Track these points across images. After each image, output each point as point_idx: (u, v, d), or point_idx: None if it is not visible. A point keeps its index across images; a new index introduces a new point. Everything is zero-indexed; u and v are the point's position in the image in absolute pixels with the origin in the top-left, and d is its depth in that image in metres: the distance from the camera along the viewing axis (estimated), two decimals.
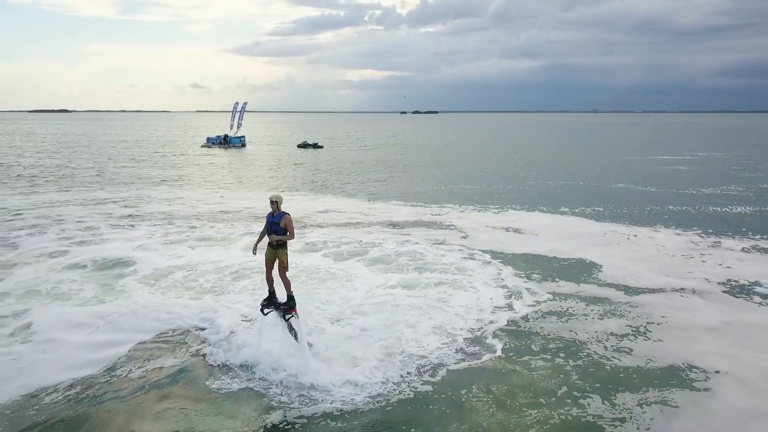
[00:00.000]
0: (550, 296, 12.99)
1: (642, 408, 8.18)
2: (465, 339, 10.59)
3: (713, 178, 35.95)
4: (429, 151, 63.75)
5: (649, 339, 10.60)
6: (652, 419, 7.89)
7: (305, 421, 8.02)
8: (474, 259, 16.21)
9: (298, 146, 66.11)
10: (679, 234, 19.62)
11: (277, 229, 9.24)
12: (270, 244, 9.35)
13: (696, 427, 7.67)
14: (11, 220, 21.40)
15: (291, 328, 9.53)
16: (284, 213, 9.30)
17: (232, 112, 65.01)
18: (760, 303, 12.64)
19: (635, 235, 19.36)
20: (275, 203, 9.35)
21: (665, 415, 7.99)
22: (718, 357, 9.77)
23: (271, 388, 8.89)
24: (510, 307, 12.28)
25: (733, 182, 33.88)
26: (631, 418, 7.94)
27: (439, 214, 23.25)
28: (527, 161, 49.39)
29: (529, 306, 12.36)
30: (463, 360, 9.78)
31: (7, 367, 9.24)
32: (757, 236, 19.24)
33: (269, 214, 9.41)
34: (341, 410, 8.22)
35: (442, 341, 10.47)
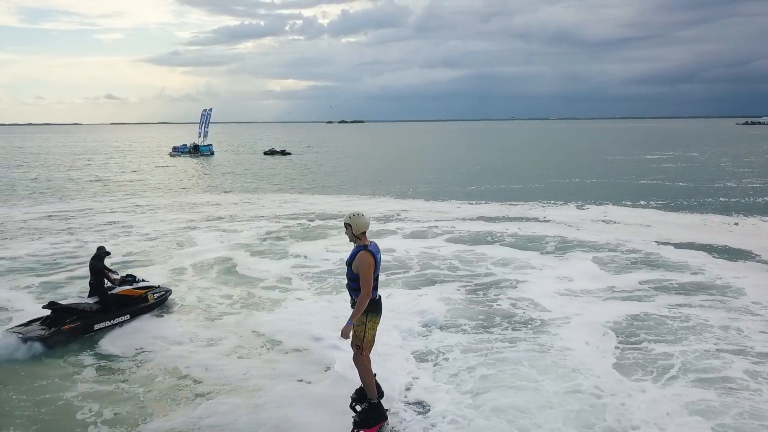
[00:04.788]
0: None
1: None
2: None
3: (727, 172, 39.48)
4: (409, 155, 65.40)
5: None
6: None
7: None
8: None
9: (265, 153, 65.95)
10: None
11: (348, 273, 6.10)
12: (351, 301, 6.36)
13: None
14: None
15: None
16: (362, 247, 5.93)
17: (200, 120, 64.11)
18: None
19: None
20: (348, 227, 6.08)
21: None
22: None
23: None
24: None
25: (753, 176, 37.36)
26: None
27: (529, 210, 24.60)
28: (538, 162, 52.00)
29: None
30: None
31: None
32: None
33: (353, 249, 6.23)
34: None
35: None
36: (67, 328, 9.71)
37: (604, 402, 7.66)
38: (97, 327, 10.13)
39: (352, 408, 6.68)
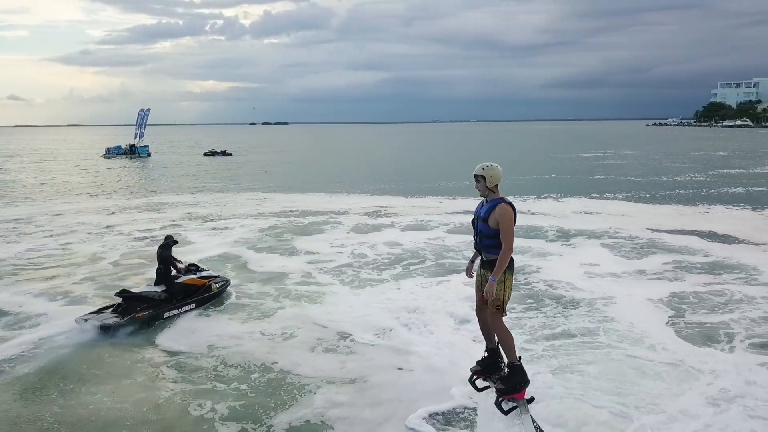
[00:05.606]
0: None
1: None
2: None
3: (668, 168, 41.86)
4: (356, 155, 65.15)
5: None
6: None
7: None
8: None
9: (205, 154, 63.83)
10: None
11: (484, 228, 5.56)
12: (481, 260, 5.80)
13: None
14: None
15: (518, 425, 5.70)
16: (500, 200, 5.53)
17: (137, 120, 61.09)
18: None
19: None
20: (481, 179, 5.64)
21: None
22: None
23: None
24: None
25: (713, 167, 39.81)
26: None
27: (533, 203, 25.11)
28: (497, 160, 52.96)
29: None
30: None
31: None
32: None
33: (479, 204, 5.84)
34: None
35: None
36: (139, 316, 9.73)
37: (690, 367, 8.14)
38: (166, 315, 10.16)
39: (472, 383, 6.18)
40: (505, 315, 5.66)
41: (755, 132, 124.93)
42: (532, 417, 5.69)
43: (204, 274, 11.33)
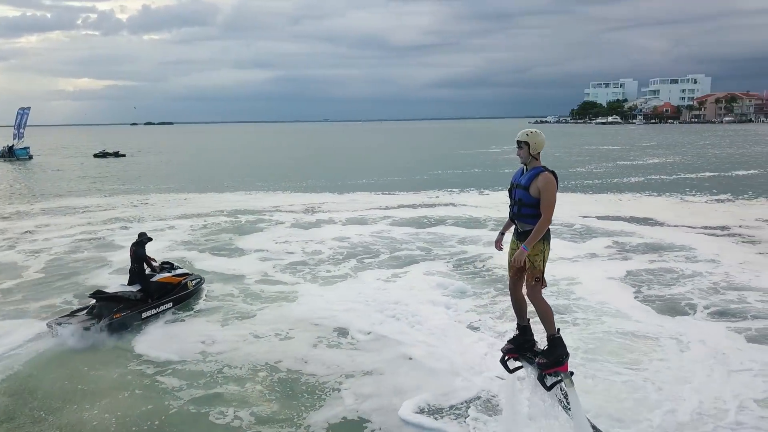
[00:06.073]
0: None
1: None
2: None
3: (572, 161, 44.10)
4: (260, 153, 63.21)
5: None
6: None
7: None
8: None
9: (96, 155, 59.18)
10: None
11: (524, 197, 5.26)
12: (516, 231, 5.46)
13: None
14: None
15: (561, 400, 5.33)
16: (543, 168, 5.26)
17: (16, 120, 55.26)
18: None
19: None
20: (524, 145, 5.34)
21: None
22: None
23: None
24: None
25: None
26: None
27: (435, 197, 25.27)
28: (409, 157, 53.05)
29: None
30: None
31: None
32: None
33: (517, 171, 5.48)
34: None
35: None
36: (118, 317, 9.27)
37: (672, 334, 8.91)
38: (144, 315, 9.75)
39: (504, 363, 5.73)
40: (546, 286, 5.36)
41: (624, 128, 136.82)
42: (571, 395, 5.34)
43: (179, 271, 10.91)
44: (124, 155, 59.55)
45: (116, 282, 10.70)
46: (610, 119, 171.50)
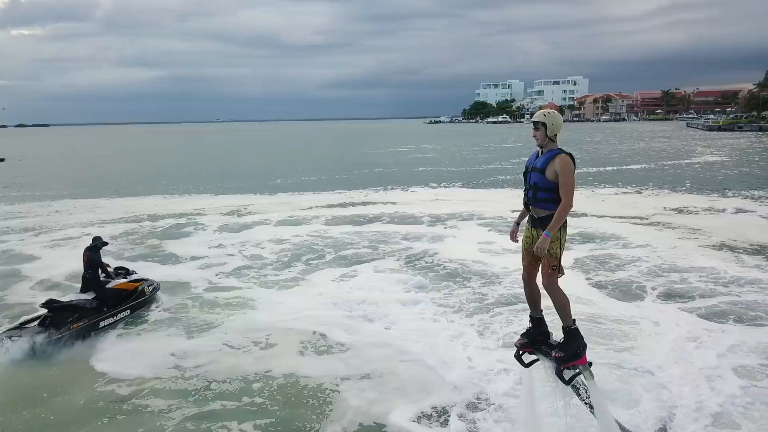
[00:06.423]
0: None
1: None
2: None
3: (478, 158, 45.22)
4: (148, 156, 59.59)
5: None
6: None
7: None
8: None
9: None
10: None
11: (540, 181, 5.04)
12: (531, 218, 5.23)
13: None
14: None
15: (579, 394, 5.09)
16: (559, 150, 5.03)
17: None
18: None
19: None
20: (541, 126, 5.09)
21: None
22: None
23: None
24: None
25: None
26: None
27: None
28: (320, 158, 51.71)
29: None
30: None
31: None
32: None
33: (532, 154, 5.28)
34: None
35: None
36: (76, 327, 8.58)
37: (632, 316, 9.37)
38: (102, 324, 9.11)
39: (518, 358, 5.46)
40: (563, 274, 5.06)
41: (514, 126, 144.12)
42: (592, 388, 5.09)
43: (134, 277, 10.28)
44: (2, 159, 54.04)
45: (47, 296, 9.61)
46: (500, 118, 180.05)
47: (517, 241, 5.50)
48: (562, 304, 5.08)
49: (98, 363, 8.04)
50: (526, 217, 5.31)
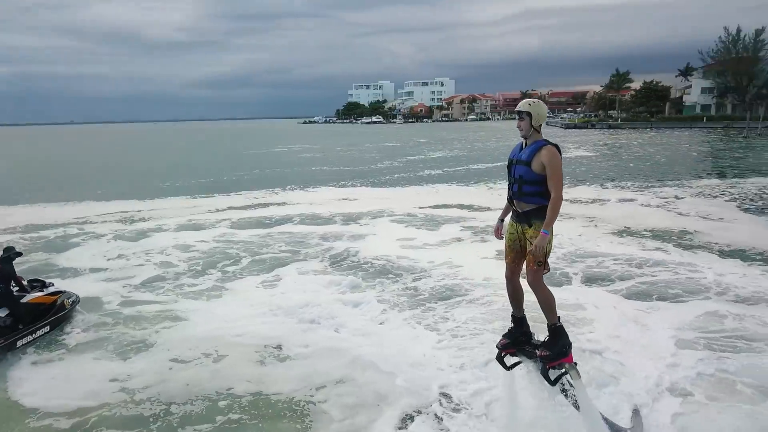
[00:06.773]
0: None
1: None
2: None
3: (377, 157, 44.92)
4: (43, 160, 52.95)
5: None
6: None
7: None
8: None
9: None
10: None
11: (525, 174, 4.94)
12: (515, 213, 5.13)
13: None
14: None
15: (566, 395, 5.11)
16: (545, 141, 4.92)
17: None
18: None
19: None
20: (526, 116, 4.94)
21: None
22: None
23: None
24: None
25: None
26: None
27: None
28: (201, 160, 48.37)
29: None
30: None
31: None
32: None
33: (516, 147, 5.19)
34: None
35: None
36: None
37: (585, 303, 9.85)
38: (20, 344, 8.20)
39: (500, 360, 5.33)
40: (549, 271, 4.98)
41: (388, 126, 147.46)
42: (578, 387, 5.08)
43: (52, 289, 9.32)
44: None
45: None
46: (374, 119, 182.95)
47: (502, 237, 5.40)
48: (547, 301, 4.99)
49: (24, 397, 6.93)
50: (509, 214, 5.22)
